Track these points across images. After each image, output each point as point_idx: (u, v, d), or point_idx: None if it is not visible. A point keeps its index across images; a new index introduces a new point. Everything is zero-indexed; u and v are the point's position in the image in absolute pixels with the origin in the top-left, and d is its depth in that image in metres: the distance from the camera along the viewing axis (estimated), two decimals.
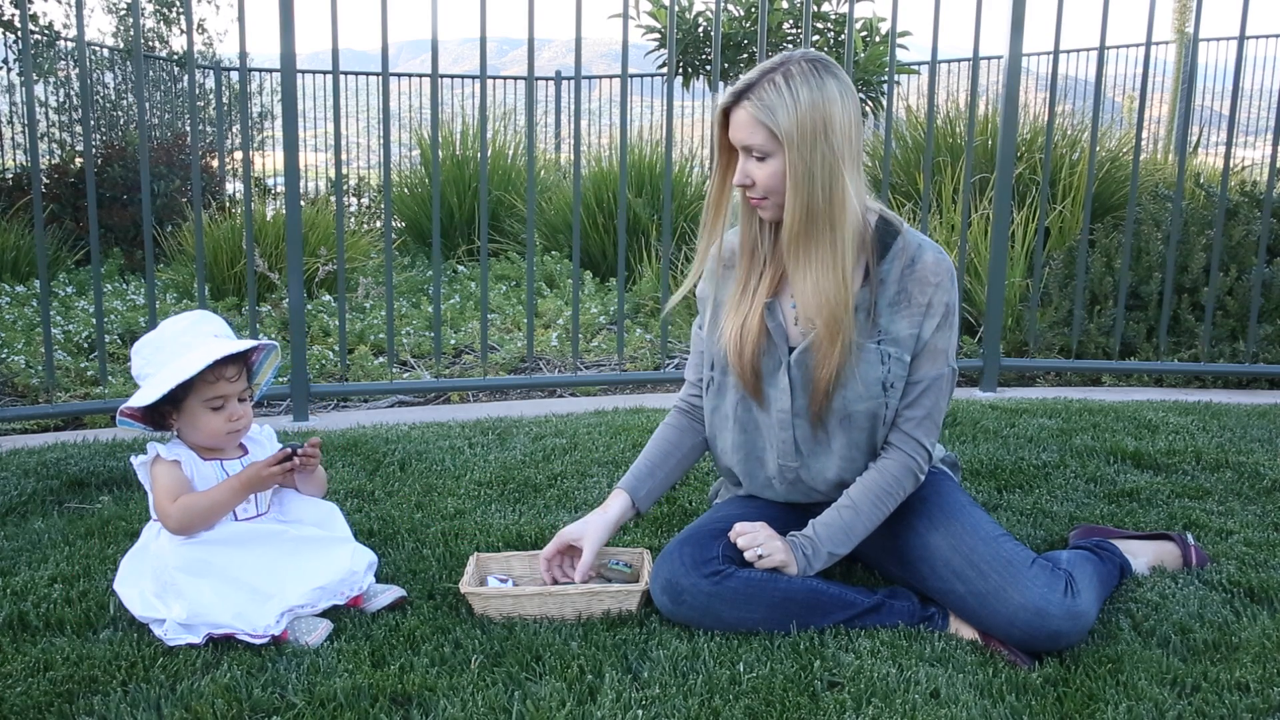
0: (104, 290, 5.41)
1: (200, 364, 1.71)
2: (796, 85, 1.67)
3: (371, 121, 11.31)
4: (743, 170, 1.74)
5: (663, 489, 2.00)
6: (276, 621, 1.70)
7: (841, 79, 1.70)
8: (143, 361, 1.76)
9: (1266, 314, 3.95)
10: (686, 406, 2.03)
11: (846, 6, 4.74)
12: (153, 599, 1.72)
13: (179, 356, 1.73)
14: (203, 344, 1.75)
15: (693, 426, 2.02)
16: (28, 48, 3.16)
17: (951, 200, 5.19)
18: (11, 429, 3.20)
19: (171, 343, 1.75)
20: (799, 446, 1.86)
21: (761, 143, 1.70)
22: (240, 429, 1.81)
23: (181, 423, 1.78)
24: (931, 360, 1.78)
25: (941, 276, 1.77)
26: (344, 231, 4.15)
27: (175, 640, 1.67)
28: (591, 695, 1.54)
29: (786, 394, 1.82)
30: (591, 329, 4.72)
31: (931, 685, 1.56)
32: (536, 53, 4.03)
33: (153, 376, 1.74)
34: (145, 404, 1.72)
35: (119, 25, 9.26)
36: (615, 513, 1.92)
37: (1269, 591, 1.88)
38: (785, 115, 1.66)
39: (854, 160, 1.71)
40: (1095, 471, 2.59)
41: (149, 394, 1.71)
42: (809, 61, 1.69)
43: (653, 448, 2.01)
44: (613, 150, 6.67)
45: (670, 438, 2.01)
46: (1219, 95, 10.83)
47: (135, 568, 1.79)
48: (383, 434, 2.96)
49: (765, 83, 1.69)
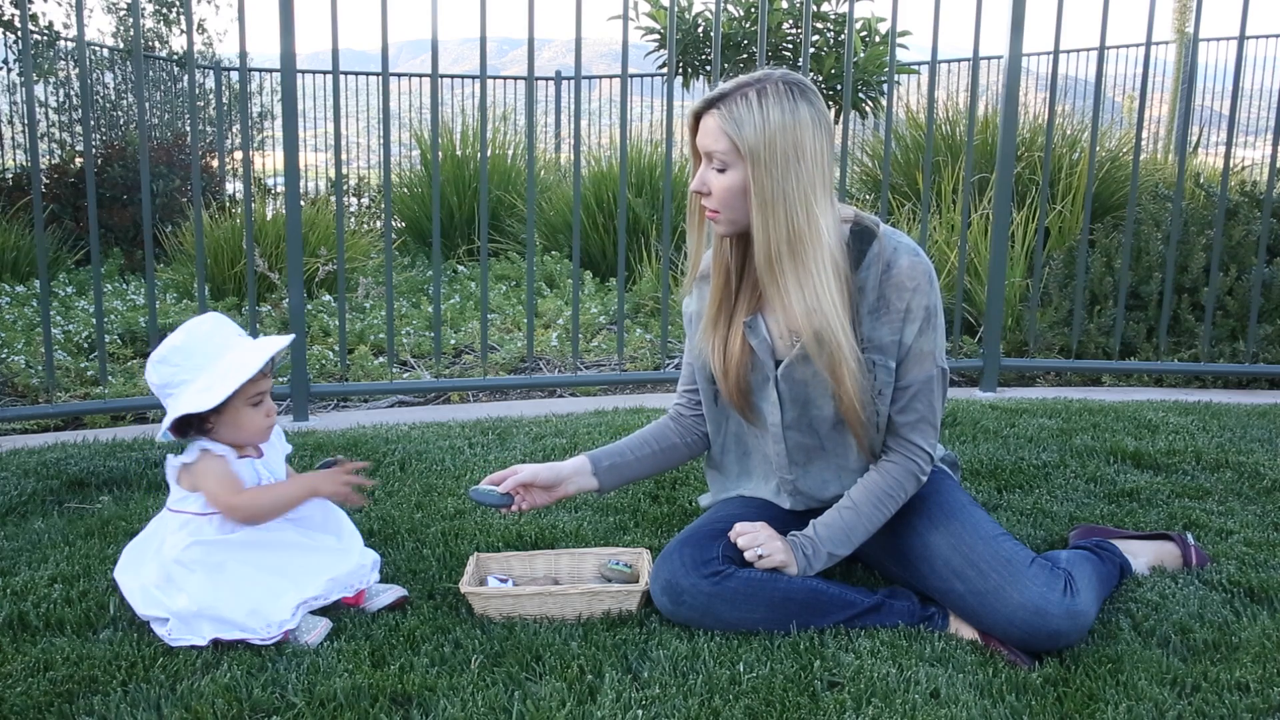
0: (104, 290, 5.41)
1: (259, 361, 1.71)
2: (769, 104, 1.65)
3: (371, 121, 11.31)
4: (701, 177, 1.73)
5: (631, 473, 1.97)
6: (292, 615, 1.72)
7: (816, 105, 1.68)
8: (173, 370, 1.72)
9: (1266, 314, 3.95)
10: (675, 414, 2.03)
11: (846, 6, 4.74)
12: (155, 591, 1.71)
13: (217, 358, 1.72)
14: (236, 344, 1.75)
15: (678, 432, 2.01)
16: (28, 48, 3.16)
17: (951, 200, 5.19)
18: (11, 429, 3.20)
19: (204, 346, 1.73)
20: (792, 458, 1.87)
21: (723, 152, 1.68)
22: (274, 422, 1.83)
23: (221, 423, 1.76)
24: (918, 363, 1.77)
25: (918, 280, 1.75)
26: (344, 231, 4.15)
27: (179, 641, 1.67)
28: (591, 695, 1.54)
29: (776, 408, 1.83)
30: (591, 329, 4.72)
31: (931, 685, 1.56)
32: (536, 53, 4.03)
33: (192, 382, 1.71)
34: (210, 407, 1.70)
35: (119, 25, 9.27)
36: (569, 464, 1.92)
37: (1269, 591, 1.88)
38: (751, 131, 1.65)
39: (825, 187, 1.69)
40: (1095, 471, 2.59)
41: (213, 395, 1.69)
42: (786, 83, 1.67)
43: (631, 436, 2.01)
44: (613, 150, 6.67)
45: (652, 432, 2.01)
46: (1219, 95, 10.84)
47: (136, 558, 1.79)
48: (383, 434, 2.96)
49: (738, 95, 1.67)
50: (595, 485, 1.94)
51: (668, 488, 2.49)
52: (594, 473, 1.93)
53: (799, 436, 1.85)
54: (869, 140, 6.47)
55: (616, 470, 1.95)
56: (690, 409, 2.01)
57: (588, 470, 1.93)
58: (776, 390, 1.82)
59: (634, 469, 1.98)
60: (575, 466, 1.93)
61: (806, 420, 1.83)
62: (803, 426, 1.84)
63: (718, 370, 1.85)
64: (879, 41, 5.43)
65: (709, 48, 5.35)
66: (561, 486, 1.92)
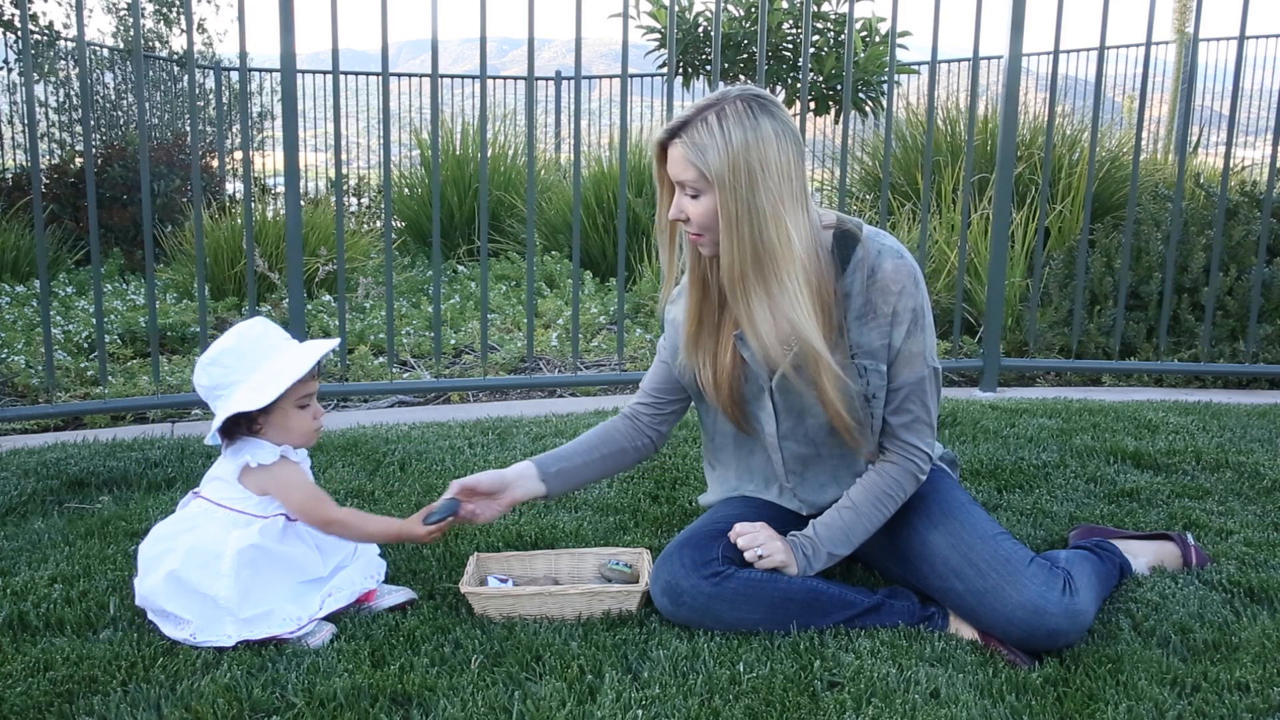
0: (104, 290, 5.40)
1: (310, 360, 1.74)
2: (729, 125, 1.64)
3: (371, 121, 11.31)
4: (677, 205, 1.72)
5: (578, 478, 1.94)
6: (320, 606, 1.76)
7: (778, 117, 1.66)
8: (223, 371, 1.74)
9: (1266, 314, 3.95)
10: (631, 413, 1.99)
11: (846, 6, 4.74)
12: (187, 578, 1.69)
13: (267, 360, 1.74)
14: (284, 346, 1.78)
15: (628, 435, 1.97)
16: (28, 48, 3.16)
17: (951, 200, 5.20)
18: (11, 429, 3.20)
19: (254, 348, 1.75)
20: (789, 466, 1.88)
21: (693, 180, 1.68)
22: (321, 425, 1.85)
23: (270, 425, 1.77)
24: (909, 365, 1.77)
25: (903, 283, 1.74)
26: (344, 231, 4.15)
27: (204, 643, 1.67)
28: (591, 695, 1.54)
29: (772, 419, 1.83)
30: (591, 329, 4.72)
31: (931, 685, 1.56)
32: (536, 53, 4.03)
33: (242, 384, 1.72)
34: (261, 405, 1.71)
35: (119, 25, 9.27)
36: (513, 471, 1.89)
37: (1269, 591, 1.88)
38: (715, 156, 1.64)
39: (795, 197, 1.67)
40: (1095, 471, 2.59)
41: (265, 394, 1.71)
42: (745, 101, 1.66)
43: (577, 439, 1.98)
44: (613, 150, 6.67)
45: (598, 435, 1.97)
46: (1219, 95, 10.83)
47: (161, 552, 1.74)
48: (383, 434, 2.96)
49: (698, 121, 1.66)
50: (543, 490, 1.90)
51: (668, 488, 2.49)
52: (541, 478, 1.90)
53: (795, 446, 1.86)
54: (869, 140, 6.47)
55: (564, 475, 1.92)
56: (651, 410, 1.98)
57: (534, 475, 1.90)
58: (772, 401, 1.82)
59: (582, 474, 1.94)
60: (520, 471, 1.89)
61: (802, 429, 1.84)
62: (798, 436, 1.84)
63: (707, 385, 1.84)
64: (879, 41, 5.43)
65: (709, 47, 5.35)
66: (508, 492, 1.87)
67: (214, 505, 1.78)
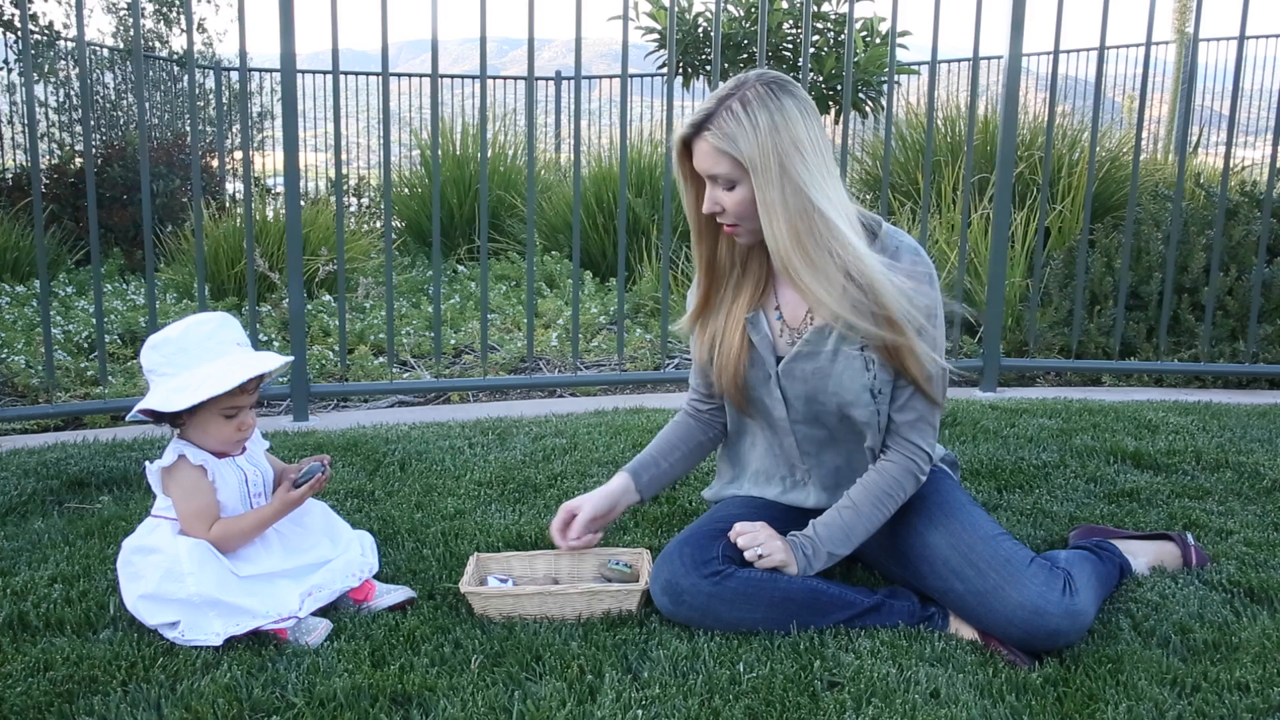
0: (104, 290, 5.41)
1: (237, 379, 1.70)
2: (755, 110, 1.66)
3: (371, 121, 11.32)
4: (711, 198, 1.73)
5: (667, 479, 2.01)
6: (300, 604, 1.73)
7: (799, 96, 1.69)
8: (161, 359, 1.72)
9: (1266, 314, 3.95)
10: (691, 411, 2.04)
11: (846, 6, 4.74)
12: (157, 592, 1.69)
13: (205, 363, 1.71)
14: (228, 353, 1.74)
15: (698, 428, 2.03)
16: (28, 48, 3.16)
17: (951, 200, 5.20)
18: (11, 429, 3.20)
19: (197, 347, 1.72)
20: (803, 449, 1.88)
21: (727, 172, 1.69)
22: (246, 437, 1.82)
23: (191, 426, 1.77)
24: (918, 363, 1.78)
25: (919, 280, 1.75)
26: (344, 231, 4.15)
27: (192, 641, 1.66)
28: (591, 695, 1.54)
29: (780, 404, 1.83)
30: (591, 329, 4.72)
31: (931, 685, 1.56)
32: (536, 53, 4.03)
33: (173, 378, 1.70)
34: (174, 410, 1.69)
35: (119, 25, 9.27)
36: (616, 486, 1.95)
37: (1269, 591, 1.88)
38: (747, 142, 1.66)
39: (827, 170, 1.70)
40: (1095, 471, 2.59)
41: (181, 399, 1.68)
42: (764, 84, 1.68)
43: (658, 440, 2.03)
44: (613, 150, 6.67)
45: (675, 433, 2.03)
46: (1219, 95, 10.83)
47: (133, 573, 1.76)
48: (383, 434, 2.96)
49: (723, 111, 1.67)
50: (638, 499, 1.98)
51: (667, 488, 2.49)
52: (637, 489, 1.97)
53: (807, 429, 1.86)
54: (869, 140, 6.47)
55: (655, 481, 1.99)
56: (704, 403, 2.02)
57: (632, 488, 1.97)
58: (779, 387, 1.82)
59: (669, 475, 2.01)
60: (622, 486, 1.96)
61: (813, 413, 1.83)
62: (810, 419, 1.84)
63: (714, 369, 1.86)
64: (879, 41, 5.43)
65: (709, 48, 5.35)
66: (614, 510, 1.95)
67: (155, 518, 1.78)
